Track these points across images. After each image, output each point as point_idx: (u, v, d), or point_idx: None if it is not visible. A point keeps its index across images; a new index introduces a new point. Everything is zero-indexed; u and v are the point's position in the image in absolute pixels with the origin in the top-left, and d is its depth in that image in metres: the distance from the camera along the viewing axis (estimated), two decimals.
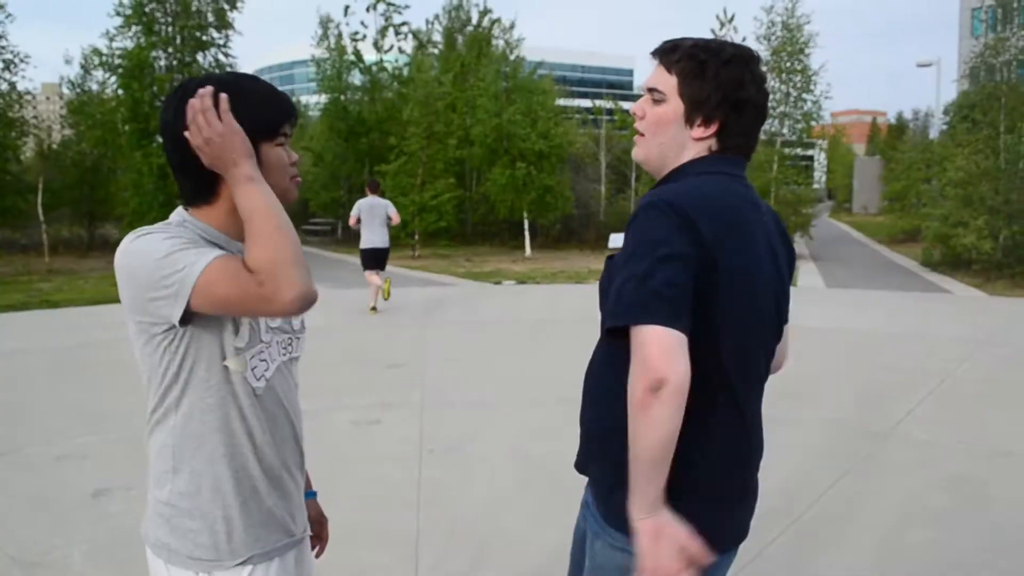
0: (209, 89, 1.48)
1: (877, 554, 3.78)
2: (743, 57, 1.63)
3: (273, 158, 1.57)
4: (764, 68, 1.69)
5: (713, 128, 1.62)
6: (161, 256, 1.44)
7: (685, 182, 1.62)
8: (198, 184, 1.57)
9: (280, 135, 1.59)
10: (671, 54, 1.64)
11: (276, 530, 1.68)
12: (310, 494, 1.86)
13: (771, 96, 21.86)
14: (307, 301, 1.44)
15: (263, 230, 1.44)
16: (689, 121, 1.63)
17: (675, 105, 1.63)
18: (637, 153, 1.72)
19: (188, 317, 1.46)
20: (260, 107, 1.56)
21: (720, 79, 1.59)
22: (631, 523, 1.51)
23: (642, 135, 1.70)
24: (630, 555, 1.54)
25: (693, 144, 1.64)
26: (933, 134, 32.78)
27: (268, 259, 1.41)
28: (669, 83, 1.64)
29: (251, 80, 1.60)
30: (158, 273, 1.43)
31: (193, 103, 1.47)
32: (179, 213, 1.60)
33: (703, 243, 1.50)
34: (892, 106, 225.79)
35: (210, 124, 1.46)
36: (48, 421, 6.05)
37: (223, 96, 1.48)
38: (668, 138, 1.65)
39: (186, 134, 1.49)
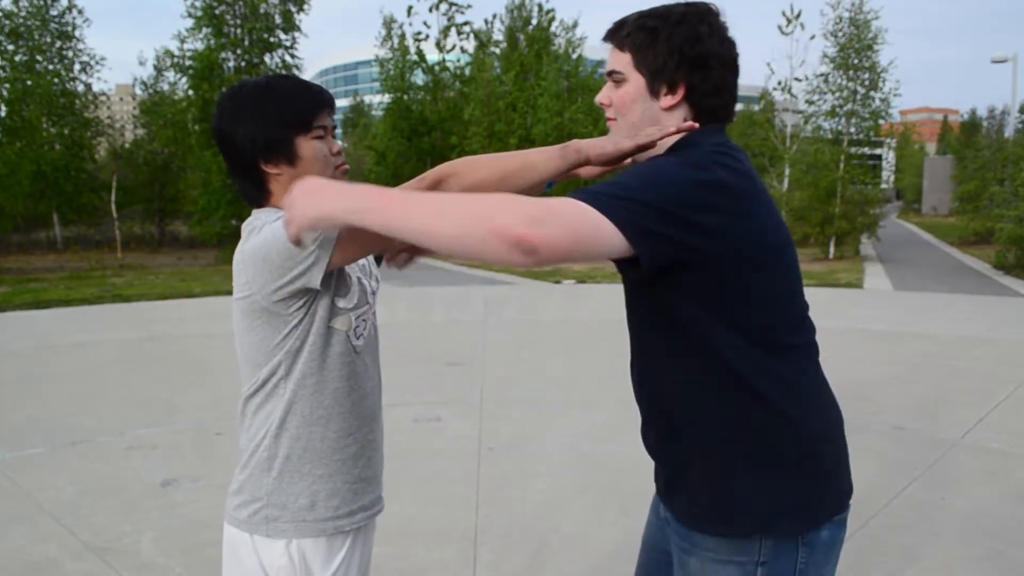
0: None
1: (943, 565, 3.68)
2: (697, 12, 1.51)
3: (309, 151, 1.58)
4: (724, 19, 1.55)
5: (680, 93, 1.52)
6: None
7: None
8: (251, 184, 1.62)
9: (316, 127, 1.59)
10: (619, 31, 1.56)
11: (366, 498, 1.75)
12: None
13: (838, 93, 21.19)
14: None
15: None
16: (653, 92, 1.53)
17: (635, 81, 1.54)
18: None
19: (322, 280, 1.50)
20: (289, 102, 1.57)
21: (674, 41, 1.49)
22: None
23: (613, 120, 1.61)
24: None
25: (665, 115, 1.54)
26: (1009, 133, 31.74)
27: None
28: (624, 61, 1.55)
29: (279, 78, 1.62)
30: (294, 247, 1.45)
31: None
32: (263, 217, 1.60)
33: None
34: (964, 104, 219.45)
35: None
36: (119, 411, 6.24)
37: None
38: (637, 116, 1.56)
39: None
